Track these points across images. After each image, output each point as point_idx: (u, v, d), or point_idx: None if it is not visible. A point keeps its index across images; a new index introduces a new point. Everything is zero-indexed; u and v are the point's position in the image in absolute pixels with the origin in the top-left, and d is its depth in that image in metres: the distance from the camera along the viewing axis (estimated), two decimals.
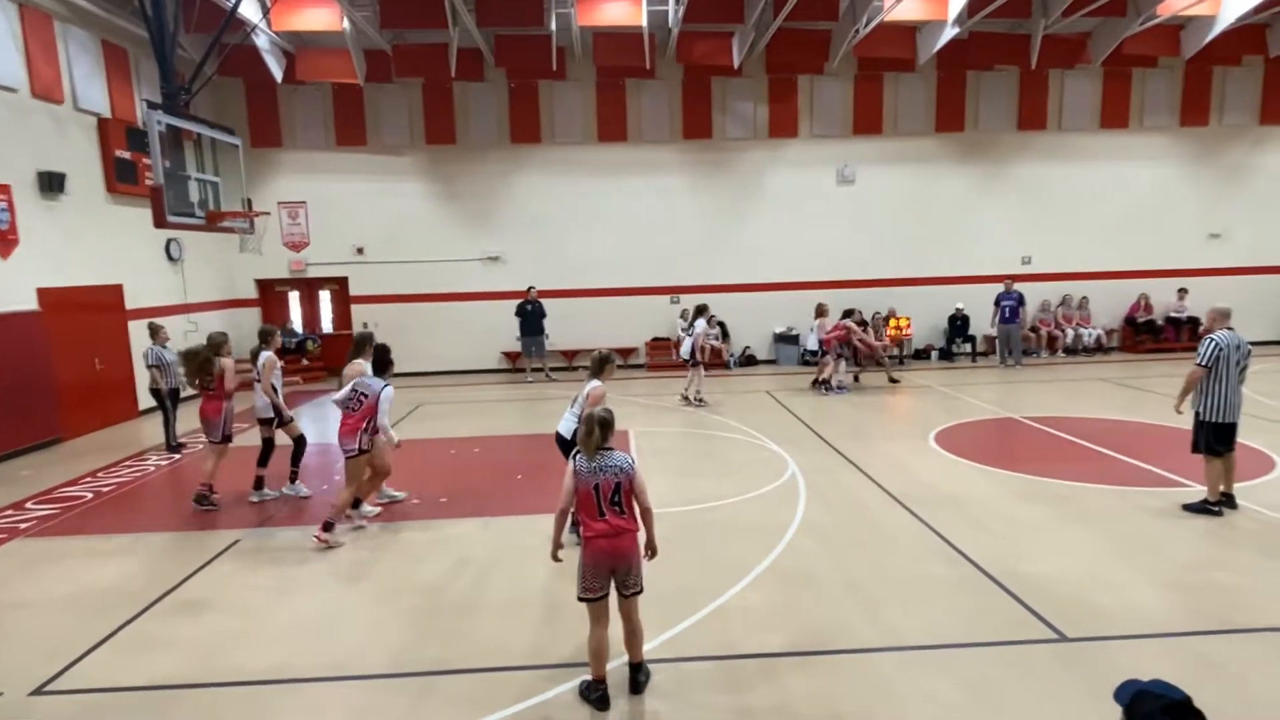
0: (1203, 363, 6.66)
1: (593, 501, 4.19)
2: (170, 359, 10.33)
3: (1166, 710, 2.00)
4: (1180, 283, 17.38)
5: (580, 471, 4.23)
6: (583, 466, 4.23)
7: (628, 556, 4.20)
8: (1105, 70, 16.71)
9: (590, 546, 4.18)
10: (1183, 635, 4.76)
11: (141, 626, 5.35)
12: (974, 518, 6.94)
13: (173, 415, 10.55)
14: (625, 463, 4.26)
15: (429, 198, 16.76)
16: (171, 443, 10.50)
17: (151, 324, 10.51)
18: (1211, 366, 6.64)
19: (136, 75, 13.35)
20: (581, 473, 4.22)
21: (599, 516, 4.18)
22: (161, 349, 10.32)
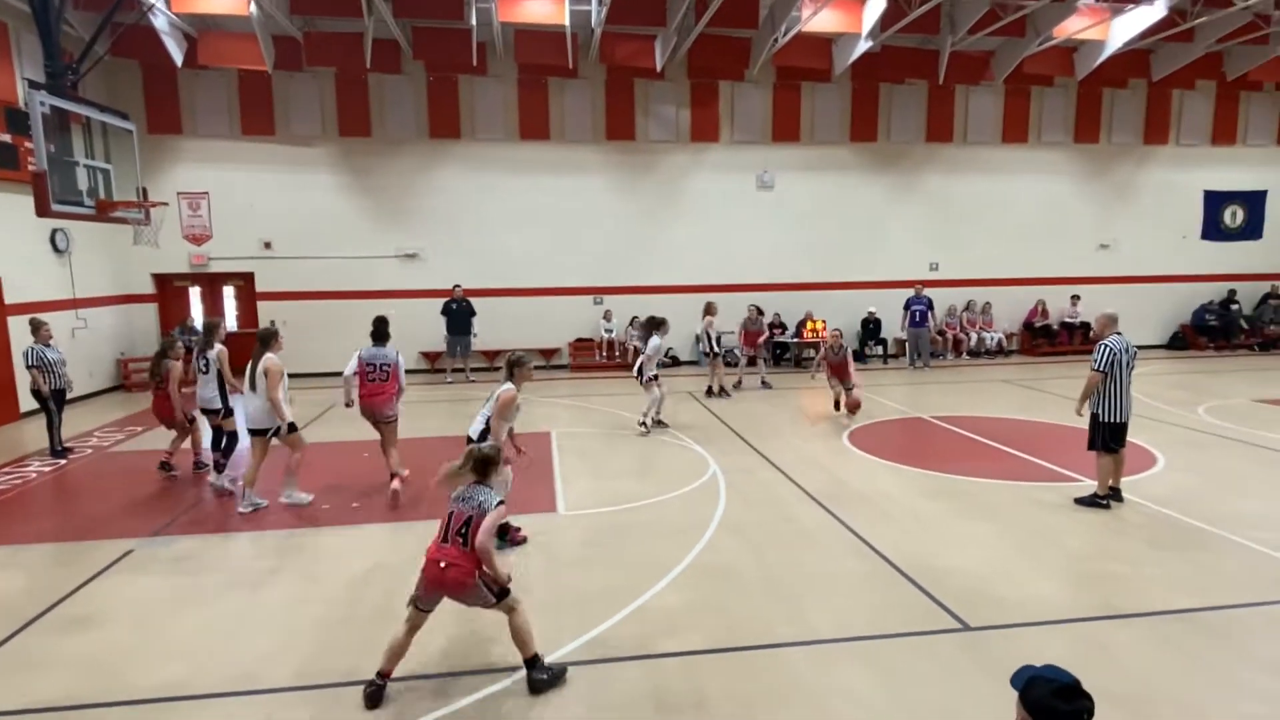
0: (1099, 368, 7.05)
1: (444, 526, 4.26)
2: (54, 357, 9.68)
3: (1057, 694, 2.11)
4: (1073, 289, 18.49)
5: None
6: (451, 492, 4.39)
7: (460, 588, 4.19)
8: (1007, 87, 17.62)
9: (424, 569, 4.25)
10: (1075, 621, 5.04)
11: (20, 645, 4.95)
12: (884, 513, 7.17)
13: (58, 419, 9.81)
14: (488, 502, 4.25)
15: (342, 191, 16.20)
16: (57, 447, 9.79)
17: (33, 320, 9.76)
18: (1107, 371, 7.04)
19: (17, 51, 12.39)
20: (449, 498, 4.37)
21: (441, 543, 4.24)
22: (44, 347, 9.61)
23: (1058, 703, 2.09)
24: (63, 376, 9.81)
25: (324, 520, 7.29)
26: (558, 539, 6.68)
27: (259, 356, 7.38)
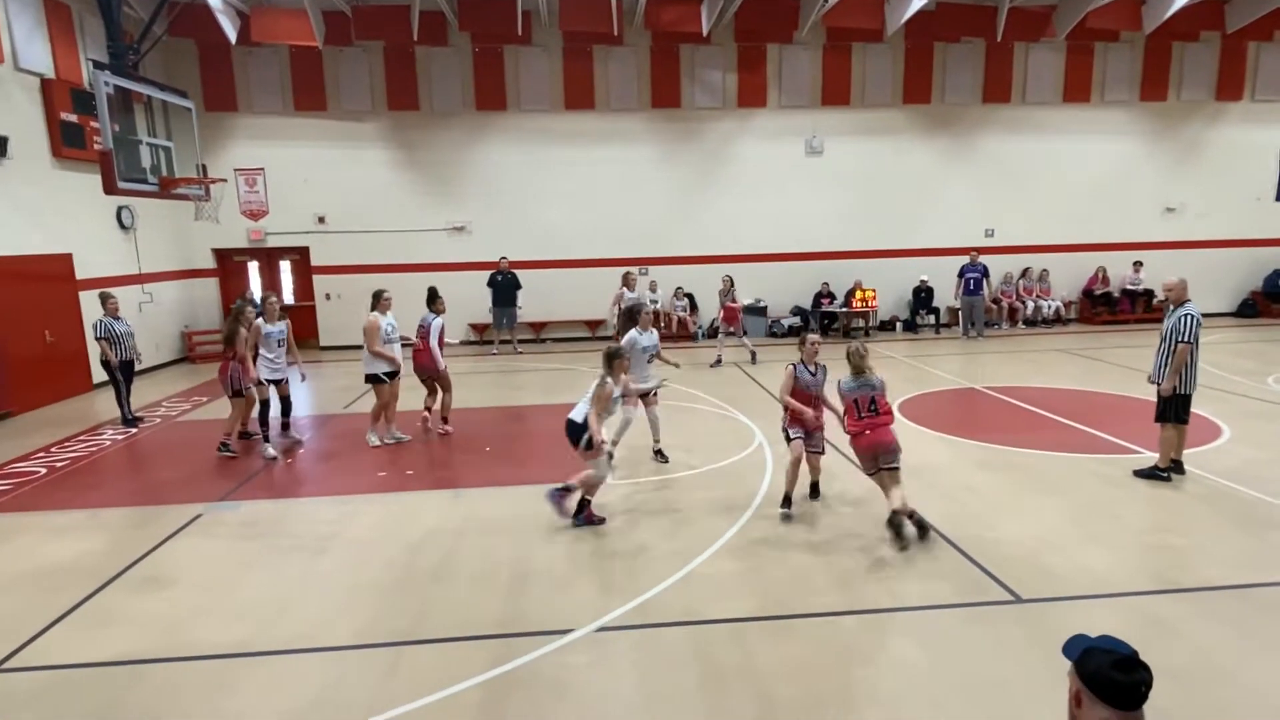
0: (1187, 339, 6.71)
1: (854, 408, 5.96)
2: (122, 330, 10.05)
3: (1116, 665, 2.06)
4: (1136, 255, 17.78)
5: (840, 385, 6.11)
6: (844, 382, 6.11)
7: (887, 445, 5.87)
8: (1068, 44, 16.86)
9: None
10: (1131, 595, 4.94)
11: (101, 602, 5.25)
12: (935, 485, 7.09)
13: (125, 389, 10.22)
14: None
15: (392, 165, 16.41)
16: (127, 416, 10.25)
17: (102, 294, 10.15)
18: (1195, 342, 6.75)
19: (81, 34, 12.78)
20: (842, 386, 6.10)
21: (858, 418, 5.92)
22: (112, 320, 9.98)
23: (1116, 674, 2.04)
24: (131, 348, 10.22)
25: (381, 487, 7.52)
26: (605, 507, 6.77)
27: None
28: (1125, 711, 2.04)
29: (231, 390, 8.54)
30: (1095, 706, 2.07)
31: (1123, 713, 2.04)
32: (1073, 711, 2.17)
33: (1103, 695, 2.06)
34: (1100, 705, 2.06)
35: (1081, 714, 2.11)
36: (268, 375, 8.73)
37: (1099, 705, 2.06)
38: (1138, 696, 2.05)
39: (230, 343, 8.53)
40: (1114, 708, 2.04)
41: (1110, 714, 2.04)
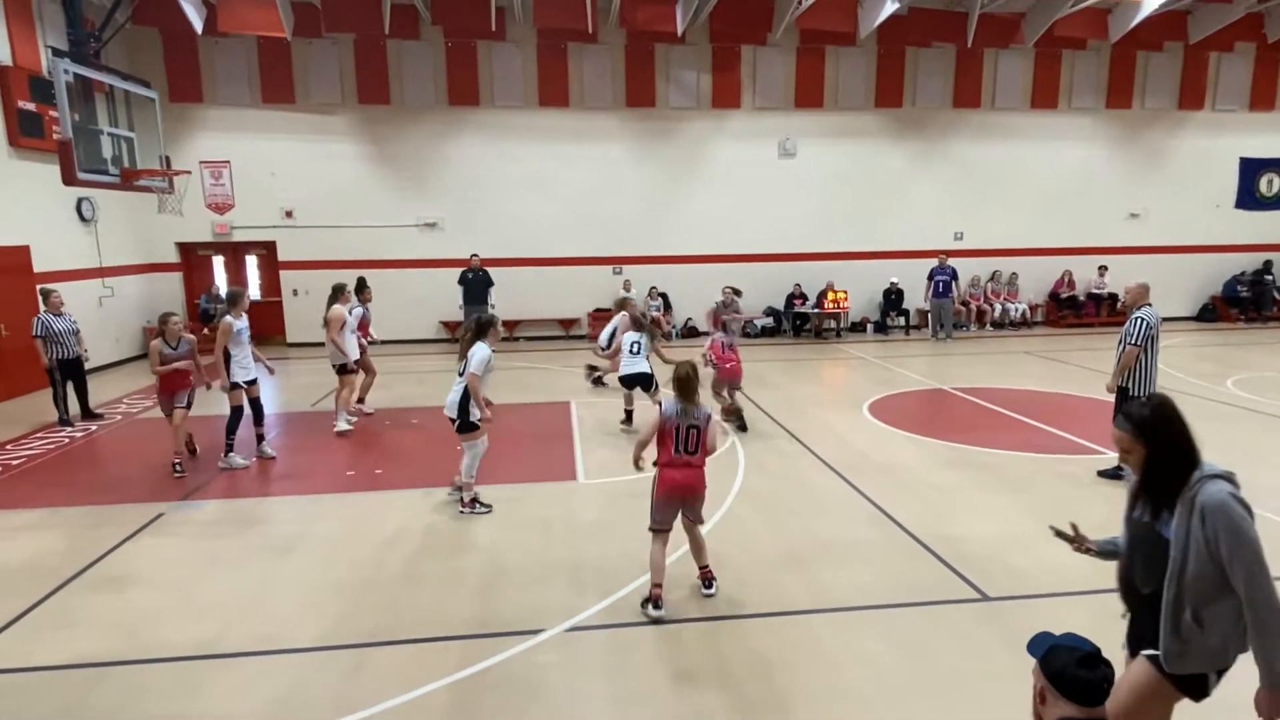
0: (1136, 342, 6.86)
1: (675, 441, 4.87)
2: (62, 327, 9.54)
3: (1080, 663, 2.11)
4: (1101, 260, 18.16)
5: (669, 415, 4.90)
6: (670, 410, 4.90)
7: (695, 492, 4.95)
8: (1037, 51, 17.16)
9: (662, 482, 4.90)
10: (1096, 593, 5.03)
11: (59, 603, 5.12)
12: (903, 484, 7.17)
13: (63, 389, 9.76)
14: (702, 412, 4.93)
15: (362, 160, 16.20)
16: (63, 416, 9.81)
17: (42, 289, 9.65)
18: (1144, 345, 6.90)
19: (40, 20, 12.42)
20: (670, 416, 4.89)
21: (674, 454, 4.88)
22: (52, 317, 9.47)
23: (1081, 671, 2.10)
24: (73, 346, 9.65)
25: (349, 486, 7.42)
26: (578, 506, 6.75)
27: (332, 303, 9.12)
28: (1088, 707, 2.09)
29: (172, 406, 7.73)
30: (1059, 703, 2.12)
31: (1086, 708, 2.09)
32: (1037, 708, 2.22)
33: (1066, 692, 2.11)
34: (1064, 702, 2.11)
35: (1046, 710, 2.17)
36: (241, 377, 8.00)
37: (1063, 701, 2.11)
38: (1100, 693, 2.10)
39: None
40: (1077, 704, 2.09)
41: (1074, 710, 2.09)
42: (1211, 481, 2.56)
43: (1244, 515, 2.50)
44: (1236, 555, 2.46)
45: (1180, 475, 2.61)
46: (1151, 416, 2.68)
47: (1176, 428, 2.67)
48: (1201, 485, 2.56)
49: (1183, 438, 2.66)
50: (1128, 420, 2.70)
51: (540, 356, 14.90)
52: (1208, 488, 2.55)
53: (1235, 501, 2.51)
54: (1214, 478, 2.57)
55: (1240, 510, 2.50)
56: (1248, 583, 2.46)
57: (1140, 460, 2.69)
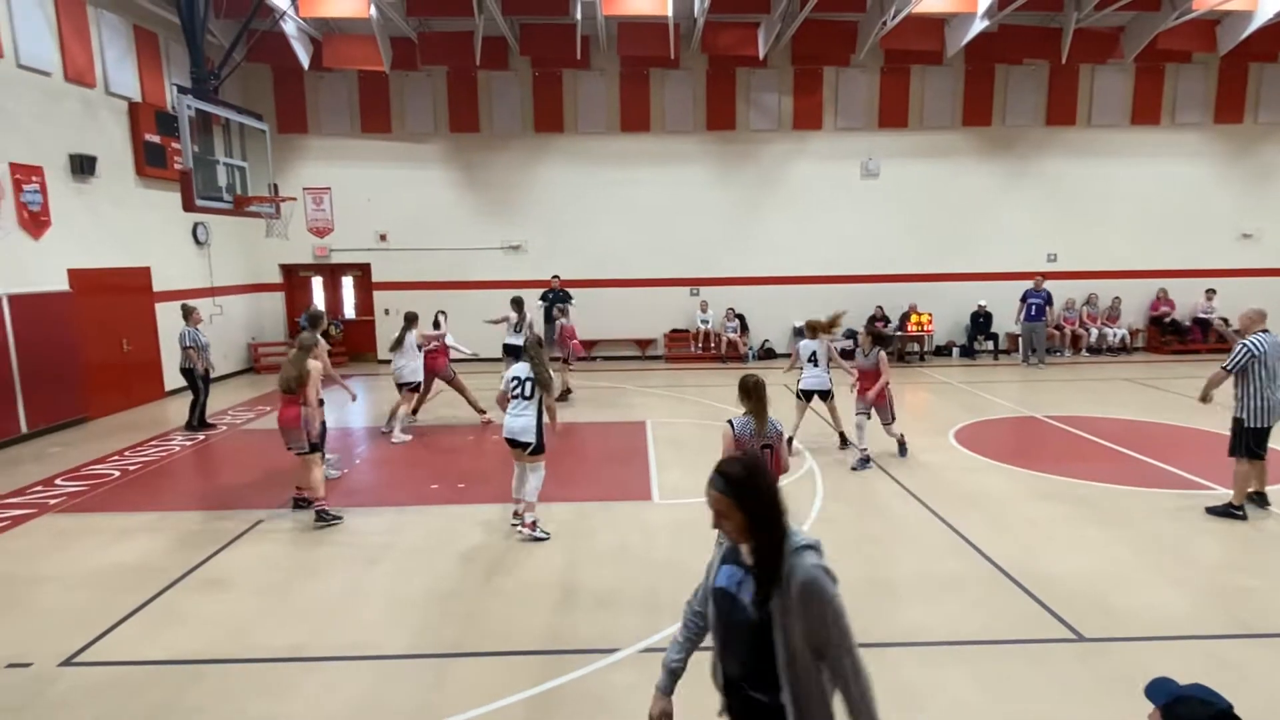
0: (1229, 368, 6.54)
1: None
2: (204, 341, 10.58)
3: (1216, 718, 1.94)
4: (1209, 283, 17.09)
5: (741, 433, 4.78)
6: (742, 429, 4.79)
7: None
8: (1137, 66, 16.41)
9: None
10: (1201, 638, 4.71)
11: (166, 602, 5.46)
12: (992, 516, 6.90)
13: (204, 397, 10.75)
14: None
15: (452, 186, 16.83)
16: (193, 423, 10.66)
17: (185, 306, 10.66)
18: (1239, 372, 6.51)
19: (167, 60, 13.51)
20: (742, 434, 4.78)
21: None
22: (196, 330, 10.49)
23: None
24: (208, 360, 10.75)
25: (433, 499, 7.66)
26: (653, 526, 6.77)
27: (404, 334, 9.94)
28: None
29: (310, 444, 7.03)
30: None
31: None
32: None
33: None
34: None
35: None
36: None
37: None
38: None
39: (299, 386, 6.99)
40: None
41: None
42: (805, 553, 2.26)
43: (834, 589, 2.23)
44: (839, 643, 2.22)
45: (779, 544, 2.27)
46: (746, 475, 2.29)
47: (767, 486, 2.31)
48: (796, 558, 2.24)
49: (774, 499, 2.30)
50: (721, 478, 2.30)
51: (617, 376, 15.04)
52: (803, 561, 2.23)
53: (826, 574, 2.24)
54: (805, 548, 2.27)
55: (830, 584, 2.23)
56: (854, 674, 2.24)
57: (739, 527, 2.30)
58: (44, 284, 10.71)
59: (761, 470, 2.35)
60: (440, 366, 10.78)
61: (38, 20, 10.68)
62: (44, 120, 10.80)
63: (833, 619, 2.22)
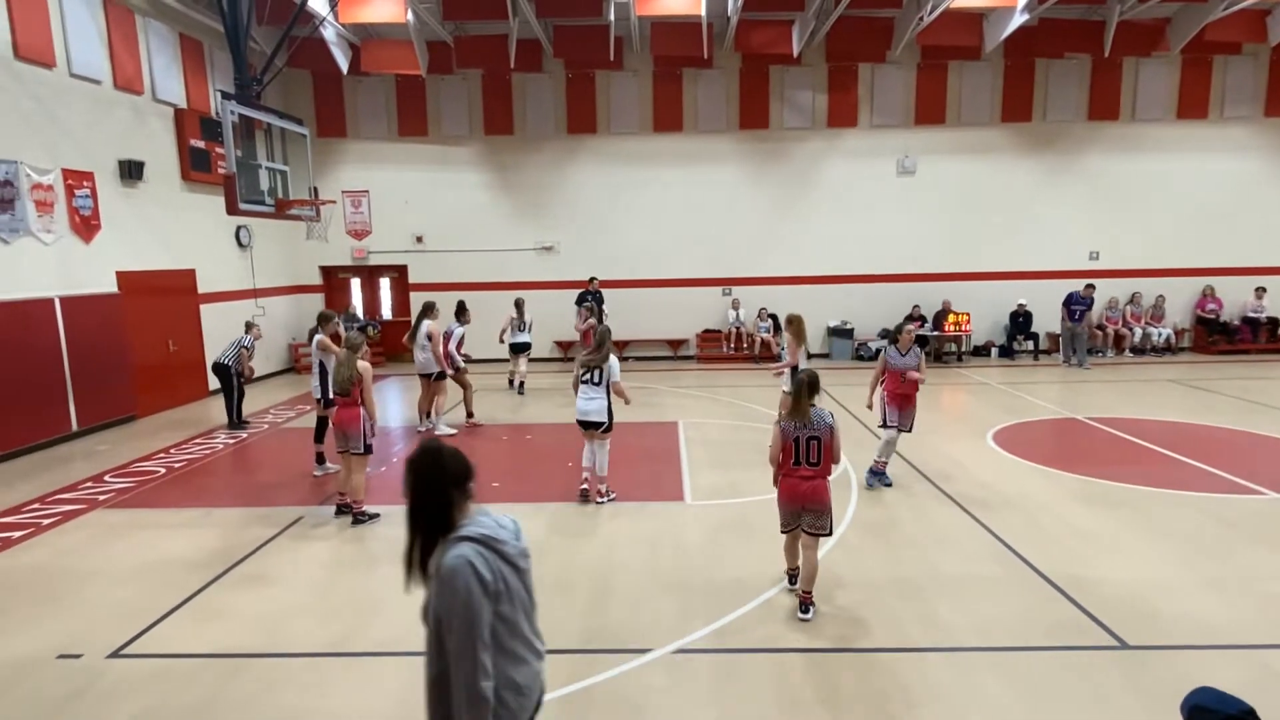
0: None
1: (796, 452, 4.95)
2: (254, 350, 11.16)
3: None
4: (1259, 281, 16.56)
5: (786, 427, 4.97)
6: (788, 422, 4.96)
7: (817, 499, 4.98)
8: (1184, 58, 15.97)
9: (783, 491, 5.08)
10: (1247, 647, 4.57)
11: (210, 597, 5.60)
12: (1032, 519, 6.77)
13: (240, 396, 11.07)
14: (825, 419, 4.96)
15: (486, 188, 16.98)
16: (235, 421, 10.99)
17: (248, 323, 11.42)
18: None
19: (211, 67, 13.85)
20: (788, 427, 4.96)
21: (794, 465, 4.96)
22: (253, 340, 11.02)
23: None
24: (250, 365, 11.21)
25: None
26: (686, 527, 6.76)
27: (419, 322, 10.05)
28: None
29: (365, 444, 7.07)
30: None
31: None
32: None
33: None
34: None
35: None
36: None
37: None
38: None
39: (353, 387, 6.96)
40: None
41: None
42: (462, 543, 2.25)
43: (471, 584, 2.17)
44: (458, 644, 2.17)
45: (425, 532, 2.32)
46: (410, 463, 2.36)
47: (423, 478, 2.33)
48: (452, 545, 2.25)
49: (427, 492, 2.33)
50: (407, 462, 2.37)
51: (649, 376, 15.04)
52: (455, 549, 2.23)
53: (470, 568, 2.19)
54: (466, 539, 2.26)
55: (470, 578, 2.17)
56: (463, 684, 2.17)
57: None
58: (94, 286, 11.04)
59: (421, 463, 2.35)
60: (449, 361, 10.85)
61: (89, 31, 11.02)
62: (94, 127, 11.14)
63: (458, 613, 2.17)
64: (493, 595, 2.21)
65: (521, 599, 2.36)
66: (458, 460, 2.39)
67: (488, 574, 2.21)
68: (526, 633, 2.36)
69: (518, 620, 2.32)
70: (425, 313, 10.27)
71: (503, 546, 2.30)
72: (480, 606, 2.17)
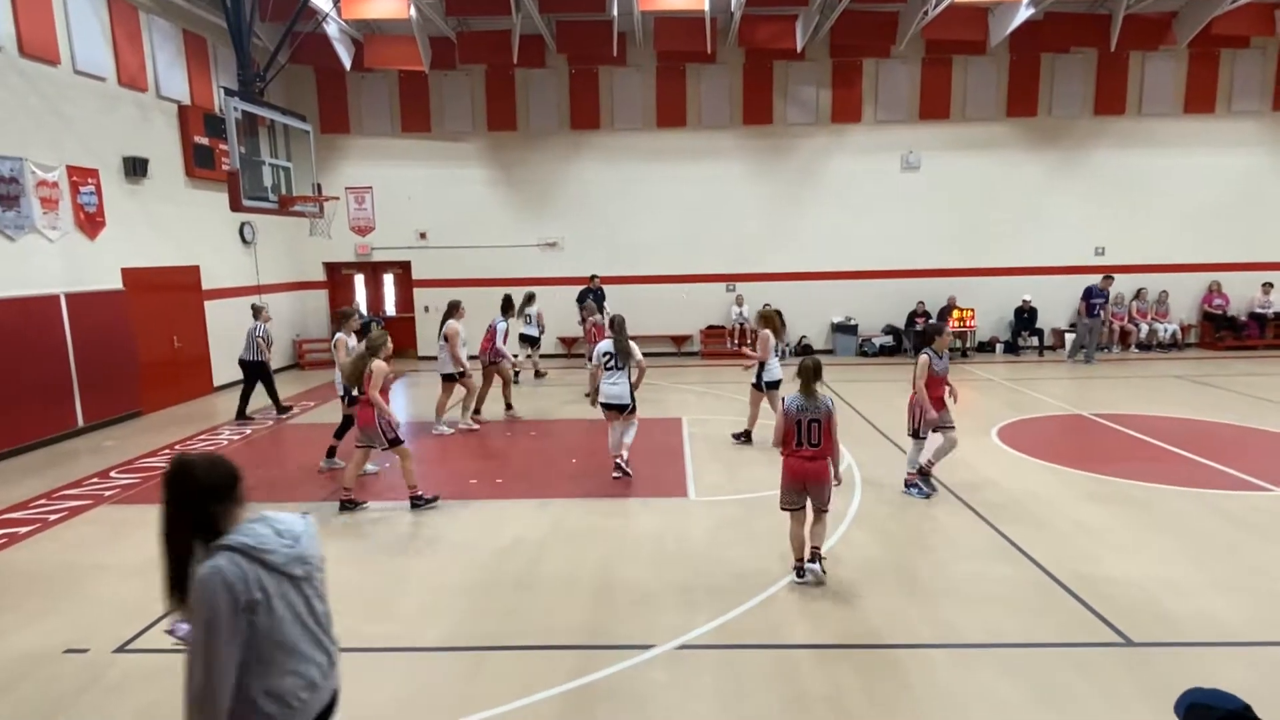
0: None
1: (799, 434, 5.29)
2: (271, 336, 11.25)
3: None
4: (1265, 276, 16.48)
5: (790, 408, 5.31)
6: (793, 404, 5.30)
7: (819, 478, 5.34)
8: (1191, 52, 15.87)
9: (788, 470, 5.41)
10: (1254, 645, 4.55)
11: None
12: (1037, 516, 6.75)
13: (272, 385, 11.44)
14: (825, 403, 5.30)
15: (490, 184, 16.97)
16: (280, 408, 11.47)
17: (254, 305, 11.30)
18: None
19: (214, 63, 13.85)
20: (792, 409, 5.30)
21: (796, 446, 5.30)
22: (265, 326, 11.08)
23: None
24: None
25: (471, 494, 7.74)
26: (689, 523, 6.76)
27: (443, 323, 9.98)
28: None
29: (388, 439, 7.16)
30: None
31: None
32: None
33: None
34: None
35: None
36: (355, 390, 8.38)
37: None
38: None
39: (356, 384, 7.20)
40: None
41: None
42: (217, 553, 2.22)
43: (215, 593, 2.13)
44: (190, 652, 2.13)
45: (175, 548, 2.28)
46: (166, 475, 2.33)
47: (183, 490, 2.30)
48: (212, 555, 2.22)
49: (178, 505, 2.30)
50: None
51: (653, 372, 15.00)
52: (211, 559, 2.20)
53: (218, 578, 2.15)
54: (223, 548, 2.23)
55: (217, 588, 2.14)
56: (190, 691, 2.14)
57: None
58: (99, 283, 11.07)
59: (170, 478, 2.33)
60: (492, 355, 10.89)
61: (93, 28, 11.03)
62: (99, 124, 11.15)
63: (198, 622, 2.15)
64: (246, 606, 2.19)
65: (294, 607, 2.33)
66: (215, 471, 2.35)
67: (239, 584, 2.18)
68: (295, 640, 2.32)
69: (280, 630, 2.28)
70: (450, 312, 10.23)
71: (266, 556, 2.27)
72: (219, 616, 2.14)
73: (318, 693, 2.39)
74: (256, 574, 2.22)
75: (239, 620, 2.17)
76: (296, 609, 2.33)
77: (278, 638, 2.27)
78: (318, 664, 2.40)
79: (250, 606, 2.19)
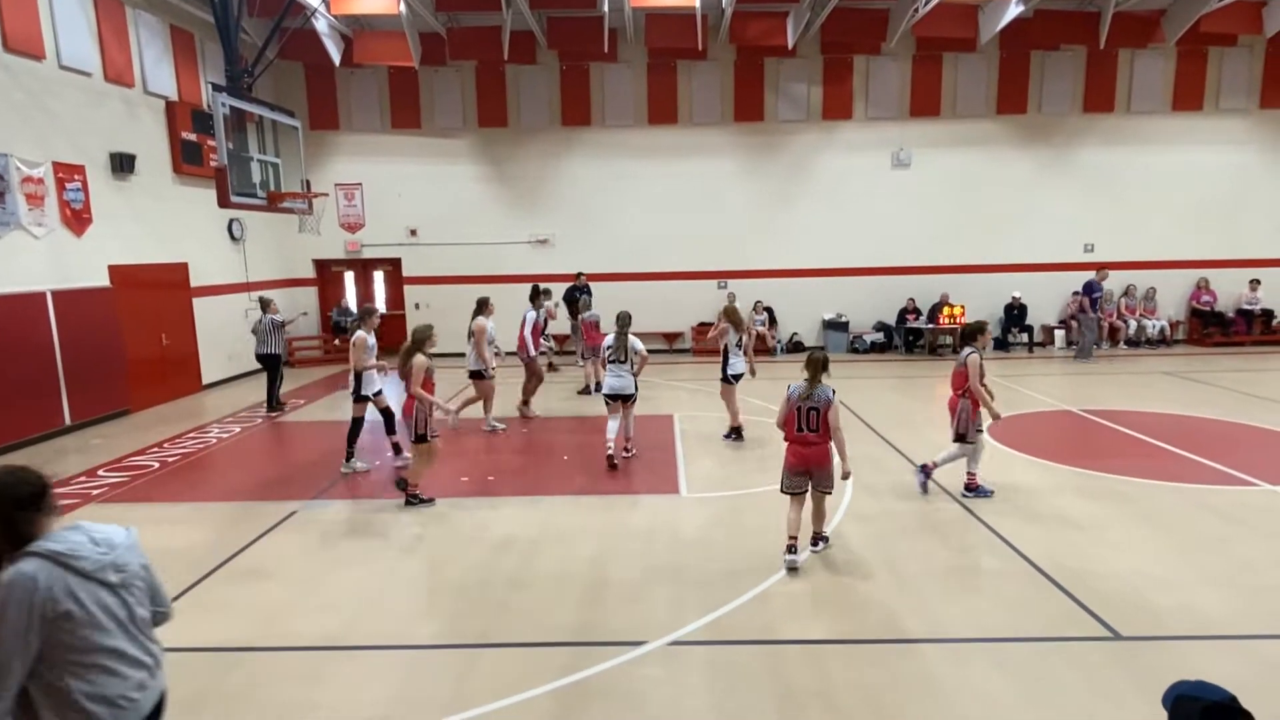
0: None
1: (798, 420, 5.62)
2: (281, 322, 11.42)
3: (1206, 712, 1.88)
4: (1253, 273, 16.61)
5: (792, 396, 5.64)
6: (795, 392, 5.63)
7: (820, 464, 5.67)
8: (1179, 49, 15.96)
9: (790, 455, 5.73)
10: (1242, 638, 4.59)
11: (206, 590, 5.58)
12: (1025, 511, 6.78)
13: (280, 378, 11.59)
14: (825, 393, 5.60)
15: (480, 180, 16.92)
16: (277, 403, 11.53)
17: (262, 298, 11.53)
18: None
19: (202, 59, 13.74)
20: (794, 396, 5.63)
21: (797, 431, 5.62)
22: (273, 318, 11.19)
23: None
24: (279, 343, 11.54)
25: (463, 491, 7.73)
26: (681, 520, 6.77)
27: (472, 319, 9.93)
28: None
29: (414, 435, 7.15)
30: None
31: None
32: None
33: None
34: None
35: None
36: (368, 390, 8.45)
37: None
38: None
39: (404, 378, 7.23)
40: None
41: None
42: (23, 559, 2.24)
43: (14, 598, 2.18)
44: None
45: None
46: None
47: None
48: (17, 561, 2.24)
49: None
50: None
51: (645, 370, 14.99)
52: (12, 566, 2.23)
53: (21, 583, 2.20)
54: (30, 555, 2.25)
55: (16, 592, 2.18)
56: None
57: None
58: (86, 280, 10.97)
59: None
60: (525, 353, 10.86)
61: (78, 22, 10.92)
62: (85, 120, 11.05)
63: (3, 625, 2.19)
64: (53, 613, 2.23)
65: (112, 612, 2.37)
66: (18, 482, 2.36)
67: (45, 591, 2.22)
68: (117, 644, 2.37)
69: (96, 636, 2.32)
70: (479, 309, 10.09)
71: (77, 563, 2.30)
72: (17, 622, 2.19)
73: (146, 692, 2.47)
74: (64, 580, 2.27)
75: (33, 620, 2.20)
76: (116, 614, 2.39)
77: (98, 642, 2.33)
78: (145, 666, 2.48)
79: (62, 614, 2.25)
